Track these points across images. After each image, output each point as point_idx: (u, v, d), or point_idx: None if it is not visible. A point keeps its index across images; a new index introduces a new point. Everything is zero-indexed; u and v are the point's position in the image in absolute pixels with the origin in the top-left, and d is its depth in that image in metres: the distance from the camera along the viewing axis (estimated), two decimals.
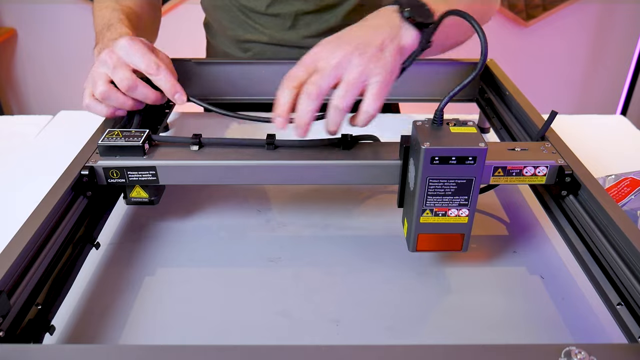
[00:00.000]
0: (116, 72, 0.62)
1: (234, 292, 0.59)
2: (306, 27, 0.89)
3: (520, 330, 0.54)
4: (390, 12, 0.60)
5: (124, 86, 0.62)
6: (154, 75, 0.63)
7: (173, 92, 0.64)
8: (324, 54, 0.56)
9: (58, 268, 0.52)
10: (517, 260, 0.64)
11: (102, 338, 0.53)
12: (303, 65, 0.56)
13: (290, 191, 0.76)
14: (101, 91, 0.62)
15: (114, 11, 0.75)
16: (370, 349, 0.39)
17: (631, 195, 0.65)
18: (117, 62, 0.62)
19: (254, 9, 0.89)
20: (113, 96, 0.63)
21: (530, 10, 2.21)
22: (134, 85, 0.62)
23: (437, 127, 0.53)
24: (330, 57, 0.55)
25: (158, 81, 0.63)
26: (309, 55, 0.57)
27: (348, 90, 0.54)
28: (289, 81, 0.56)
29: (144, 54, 0.62)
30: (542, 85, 2.38)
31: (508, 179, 0.58)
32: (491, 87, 0.85)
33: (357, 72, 0.54)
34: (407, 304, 0.57)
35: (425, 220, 0.55)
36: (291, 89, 0.55)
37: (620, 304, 0.48)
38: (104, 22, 0.74)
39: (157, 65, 0.62)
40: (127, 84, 0.62)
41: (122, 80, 0.62)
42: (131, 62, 0.62)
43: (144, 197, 0.62)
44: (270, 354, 0.38)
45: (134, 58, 0.62)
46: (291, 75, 0.56)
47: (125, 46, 0.62)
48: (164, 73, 0.63)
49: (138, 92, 0.63)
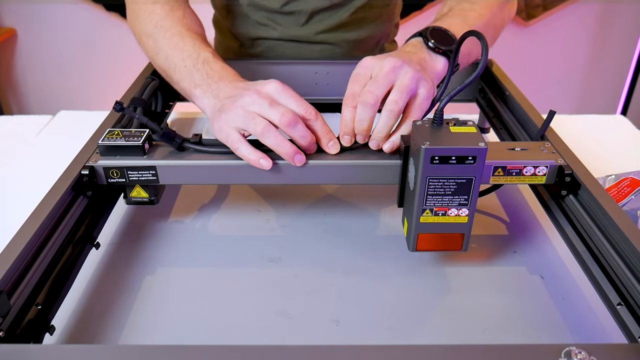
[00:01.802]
0: (274, 109, 0.56)
1: (234, 292, 0.59)
2: (319, 23, 0.89)
3: (520, 330, 0.54)
4: (416, 43, 0.63)
5: (284, 121, 0.55)
6: (312, 121, 0.58)
7: (327, 139, 0.59)
8: (374, 64, 0.58)
9: (58, 268, 0.52)
10: (517, 260, 0.64)
11: (102, 338, 0.53)
12: (356, 81, 0.58)
13: (290, 191, 0.76)
14: (262, 128, 0.55)
15: (195, 42, 0.68)
16: (370, 349, 0.39)
17: (631, 195, 0.65)
18: (273, 101, 0.56)
19: (267, 7, 0.89)
20: (272, 134, 0.56)
21: (530, 10, 2.21)
22: (295, 120, 0.56)
23: (437, 127, 0.53)
24: (383, 65, 0.57)
25: (314, 126, 0.58)
26: (361, 69, 0.59)
27: (402, 95, 0.56)
28: (349, 100, 0.58)
29: (298, 98, 0.58)
30: (542, 85, 2.38)
31: (508, 179, 0.58)
32: (491, 87, 0.85)
33: (409, 77, 0.56)
34: (407, 304, 0.57)
35: (425, 220, 0.55)
36: (352, 108, 0.57)
37: (620, 304, 0.48)
38: (190, 54, 0.66)
39: (315, 110, 0.58)
40: (288, 118, 0.55)
41: (282, 115, 0.55)
42: (287, 104, 0.57)
43: (144, 197, 0.62)
44: (270, 354, 0.38)
45: (290, 101, 0.57)
46: (349, 95, 0.58)
47: (279, 89, 0.57)
48: (320, 119, 0.58)
49: (297, 129, 0.56)
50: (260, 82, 0.59)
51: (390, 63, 0.57)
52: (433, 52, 0.62)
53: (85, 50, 2.27)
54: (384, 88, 0.56)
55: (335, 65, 0.87)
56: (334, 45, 0.92)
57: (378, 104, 0.56)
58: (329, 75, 0.88)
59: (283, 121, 0.55)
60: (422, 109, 0.57)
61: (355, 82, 0.58)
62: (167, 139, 0.59)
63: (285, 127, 0.56)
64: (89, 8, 2.17)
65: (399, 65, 0.57)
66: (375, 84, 0.56)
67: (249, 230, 0.68)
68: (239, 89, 0.59)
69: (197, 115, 0.99)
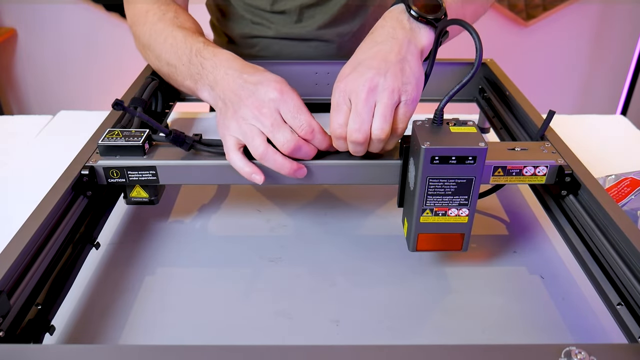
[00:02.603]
0: (276, 133, 0.54)
1: (234, 292, 0.59)
2: (311, 19, 0.89)
3: (520, 330, 0.54)
4: (397, 13, 0.58)
5: (287, 149, 0.55)
6: (311, 140, 0.56)
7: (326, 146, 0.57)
8: (349, 88, 0.54)
9: (58, 268, 0.52)
10: (517, 260, 0.64)
11: (102, 338, 0.53)
12: (337, 111, 0.54)
13: (290, 191, 0.76)
14: (261, 152, 0.55)
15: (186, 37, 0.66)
16: (370, 349, 0.39)
17: (631, 195, 0.65)
18: (275, 121, 0.54)
19: (259, 7, 0.89)
20: (271, 158, 0.55)
21: (530, 10, 2.21)
22: (298, 147, 0.55)
23: (437, 126, 0.53)
24: (359, 91, 0.53)
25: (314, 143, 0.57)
26: (339, 96, 0.54)
27: (385, 119, 0.53)
28: (337, 134, 0.55)
29: (297, 110, 0.55)
30: (542, 85, 2.38)
31: (508, 179, 0.58)
32: (491, 87, 0.85)
33: (388, 95, 0.53)
34: (407, 304, 0.57)
35: (425, 220, 0.55)
36: (343, 140, 0.55)
37: (620, 304, 0.48)
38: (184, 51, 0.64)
39: (311, 128, 0.55)
40: (290, 146, 0.54)
41: (284, 144, 0.54)
42: (287, 121, 0.55)
43: (144, 197, 0.62)
44: (270, 354, 0.38)
45: (288, 116, 0.55)
46: (336, 127, 0.54)
47: (277, 100, 0.55)
48: (318, 135, 0.56)
49: (300, 153, 0.56)
50: (259, 85, 0.56)
51: (365, 86, 0.52)
52: (416, 22, 0.56)
53: (85, 50, 2.27)
54: (368, 118, 0.53)
55: (335, 65, 0.87)
56: (328, 41, 0.92)
57: (368, 137, 0.54)
58: (329, 75, 0.88)
59: (285, 149, 0.55)
60: (407, 117, 0.54)
61: (337, 111, 0.54)
62: (177, 142, 0.58)
63: (288, 154, 0.55)
64: (89, 8, 2.17)
65: (374, 86, 0.53)
66: (359, 119, 0.53)
67: (249, 230, 0.68)
68: (238, 87, 0.57)
69: (197, 115, 0.99)
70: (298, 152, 0.55)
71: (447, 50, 0.96)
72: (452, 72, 0.87)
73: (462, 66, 0.87)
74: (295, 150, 0.55)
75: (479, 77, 0.88)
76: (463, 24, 0.52)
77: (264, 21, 0.91)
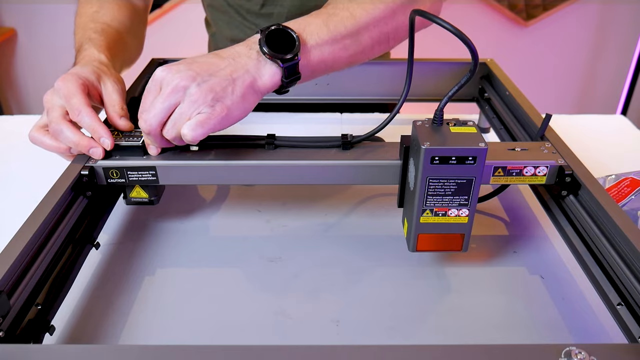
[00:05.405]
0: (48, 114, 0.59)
1: (234, 292, 0.59)
2: None
3: (520, 330, 0.54)
4: (253, 42, 0.57)
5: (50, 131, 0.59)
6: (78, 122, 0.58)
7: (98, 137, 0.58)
8: (167, 75, 0.53)
9: (58, 268, 0.52)
10: (517, 260, 0.64)
11: (102, 338, 0.53)
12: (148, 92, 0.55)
13: (290, 191, 0.76)
14: None
15: (86, 30, 0.71)
16: (370, 349, 0.39)
17: (631, 195, 0.65)
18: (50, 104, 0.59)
19: (249, 10, 0.90)
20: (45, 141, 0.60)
21: (530, 10, 2.21)
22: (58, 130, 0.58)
23: (437, 127, 0.53)
24: (169, 83, 0.53)
25: (83, 126, 0.59)
26: (153, 82, 0.55)
27: (175, 123, 0.54)
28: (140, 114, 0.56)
29: (67, 96, 0.58)
30: (542, 85, 2.38)
31: (508, 179, 0.58)
32: (491, 87, 0.85)
33: (188, 104, 0.52)
34: (407, 304, 0.57)
35: (425, 220, 0.55)
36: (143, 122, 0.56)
37: (620, 304, 0.48)
38: (76, 46, 0.70)
39: (78, 110, 0.57)
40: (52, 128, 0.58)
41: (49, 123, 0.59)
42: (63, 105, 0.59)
43: (144, 197, 0.62)
44: (270, 354, 0.38)
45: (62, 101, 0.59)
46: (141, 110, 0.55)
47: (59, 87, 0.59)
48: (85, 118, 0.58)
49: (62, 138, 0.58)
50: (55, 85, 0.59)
51: (174, 82, 0.52)
52: (263, 55, 0.55)
53: None
54: (161, 113, 0.53)
55: None
56: None
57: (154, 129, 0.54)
58: (329, 75, 0.87)
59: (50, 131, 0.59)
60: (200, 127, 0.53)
61: (145, 97, 0.55)
62: None
63: None
64: None
65: (184, 86, 0.52)
66: (152, 111, 0.54)
67: (249, 230, 0.68)
68: None
69: None
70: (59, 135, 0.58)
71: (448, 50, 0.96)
72: (452, 72, 0.87)
73: (463, 66, 0.87)
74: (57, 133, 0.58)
75: (479, 77, 0.88)
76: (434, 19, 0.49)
77: (254, 26, 0.92)
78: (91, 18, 0.74)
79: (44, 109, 0.60)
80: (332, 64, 0.62)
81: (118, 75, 0.66)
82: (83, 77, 0.60)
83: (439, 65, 0.87)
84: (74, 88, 0.58)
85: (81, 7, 0.77)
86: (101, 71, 0.63)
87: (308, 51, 0.58)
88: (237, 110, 0.54)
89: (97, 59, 0.66)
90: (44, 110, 0.60)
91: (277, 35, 0.56)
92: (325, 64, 0.61)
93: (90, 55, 0.66)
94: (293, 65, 0.56)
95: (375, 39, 0.64)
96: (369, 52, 0.65)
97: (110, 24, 0.75)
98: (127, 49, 0.77)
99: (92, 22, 0.74)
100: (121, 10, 0.78)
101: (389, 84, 0.89)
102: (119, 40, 0.74)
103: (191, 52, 0.91)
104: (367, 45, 0.64)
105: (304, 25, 0.59)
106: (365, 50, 0.64)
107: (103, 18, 0.75)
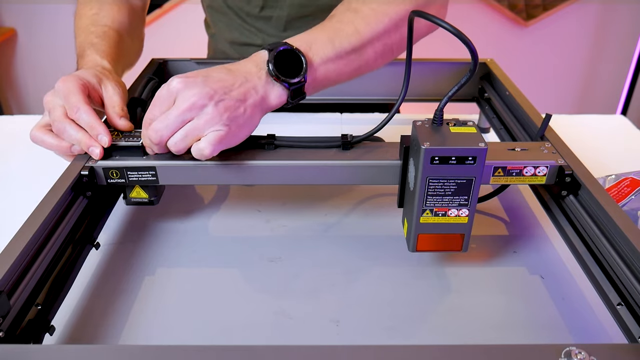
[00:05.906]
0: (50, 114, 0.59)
1: (234, 292, 0.59)
2: (298, 30, 0.89)
3: (520, 330, 0.54)
4: (261, 61, 0.57)
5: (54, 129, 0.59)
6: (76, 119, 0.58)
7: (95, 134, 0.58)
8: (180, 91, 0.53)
9: (58, 268, 0.52)
10: (517, 260, 0.64)
11: (102, 338, 0.53)
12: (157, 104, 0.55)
13: (290, 191, 0.76)
14: None
15: (87, 34, 0.72)
16: (370, 349, 0.39)
17: (631, 195, 0.65)
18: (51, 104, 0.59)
19: (249, 13, 0.90)
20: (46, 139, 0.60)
21: (530, 10, 2.21)
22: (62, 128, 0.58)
23: (437, 127, 0.53)
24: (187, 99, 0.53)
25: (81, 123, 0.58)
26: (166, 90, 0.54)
27: (185, 140, 0.54)
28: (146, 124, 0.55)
29: (67, 95, 0.58)
30: (542, 85, 2.38)
31: (508, 179, 0.58)
32: (491, 87, 0.85)
33: (204, 121, 0.53)
34: (407, 304, 0.57)
35: (425, 220, 0.55)
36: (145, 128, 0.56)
37: (620, 304, 0.48)
38: (78, 51, 0.70)
39: (76, 107, 0.57)
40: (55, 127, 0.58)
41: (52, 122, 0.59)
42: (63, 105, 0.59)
43: (143, 197, 0.62)
44: (270, 354, 0.38)
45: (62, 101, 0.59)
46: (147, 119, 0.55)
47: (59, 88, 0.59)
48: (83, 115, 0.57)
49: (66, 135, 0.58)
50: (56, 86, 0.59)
51: (193, 99, 0.52)
52: (271, 77, 0.56)
53: None
54: (174, 127, 0.53)
55: None
56: None
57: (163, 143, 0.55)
58: None
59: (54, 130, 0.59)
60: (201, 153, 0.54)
61: (156, 104, 0.55)
62: None
63: None
64: None
65: (201, 105, 0.52)
66: (165, 122, 0.53)
67: (249, 230, 0.68)
68: None
69: None
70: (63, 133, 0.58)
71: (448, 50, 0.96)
72: (452, 72, 0.87)
73: (463, 66, 0.87)
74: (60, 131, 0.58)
75: (479, 77, 0.88)
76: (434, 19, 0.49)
77: (253, 29, 0.91)
78: (91, 21, 0.74)
79: (44, 109, 0.61)
80: (335, 79, 0.63)
81: (119, 79, 0.66)
82: (84, 78, 0.61)
83: (438, 65, 0.87)
84: (73, 87, 0.59)
85: (81, 8, 0.77)
86: (103, 75, 0.64)
87: (314, 70, 0.59)
88: (246, 129, 0.56)
89: (100, 65, 0.66)
90: (45, 111, 0.60)
91: (285, 54, 0.57)
92: (329, 80, 0.62)
93: (92, 62, 0.67)
94: (300, 87, 0.58)
95: (379, 53, 0.65)
96: (373, 65, 0.67)
97: (111, 27, 0.75)
98: (128, 51, 0.77)
99: (92, 25, 0.73)
100: (120, 12, 0.78)
101: (388, 84, 0.89)
102: (120, 43, 0.74)
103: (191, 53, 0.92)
104: (371, 59, 0.65)
105: (310, 42, 0.60)
106: (369, 64, 0.66)
107: (103, 20, 0.75)
